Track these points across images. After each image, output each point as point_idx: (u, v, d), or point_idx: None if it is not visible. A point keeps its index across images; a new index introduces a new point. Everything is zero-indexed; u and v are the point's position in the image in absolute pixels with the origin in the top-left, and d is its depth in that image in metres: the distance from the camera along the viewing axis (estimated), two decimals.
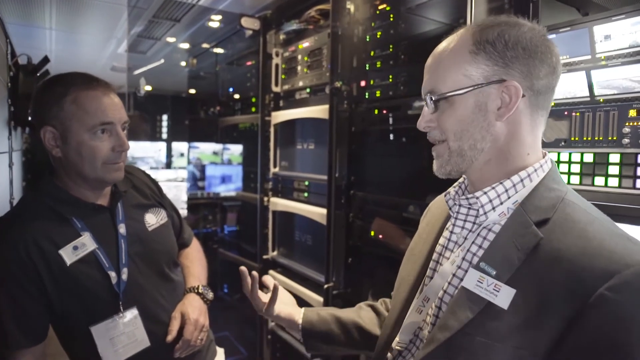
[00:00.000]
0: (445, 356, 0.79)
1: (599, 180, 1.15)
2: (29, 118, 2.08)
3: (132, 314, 1.31)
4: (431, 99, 0.87)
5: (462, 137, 0.85)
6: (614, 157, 1.12)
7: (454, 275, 0.88)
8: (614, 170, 1.13)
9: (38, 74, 2.18)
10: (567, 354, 0.70)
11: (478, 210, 0.86)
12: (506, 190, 0.84)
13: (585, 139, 1.19)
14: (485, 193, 0.85)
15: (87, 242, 1.27)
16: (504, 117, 0.82)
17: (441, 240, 0.98)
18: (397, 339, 0.96)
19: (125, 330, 1.29)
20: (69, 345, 1.34)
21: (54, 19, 3.11)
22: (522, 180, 0.84)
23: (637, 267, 0.69)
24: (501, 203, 0.84)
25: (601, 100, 1.15)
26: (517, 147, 0.85)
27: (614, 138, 1.13)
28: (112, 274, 1.29)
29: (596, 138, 1.16)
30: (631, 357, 0.66)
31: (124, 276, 1.31)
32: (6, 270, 1.19)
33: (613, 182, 1.13)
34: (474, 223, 0.90)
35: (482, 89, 0.83)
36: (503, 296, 0.76)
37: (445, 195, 0.96)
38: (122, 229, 1.35)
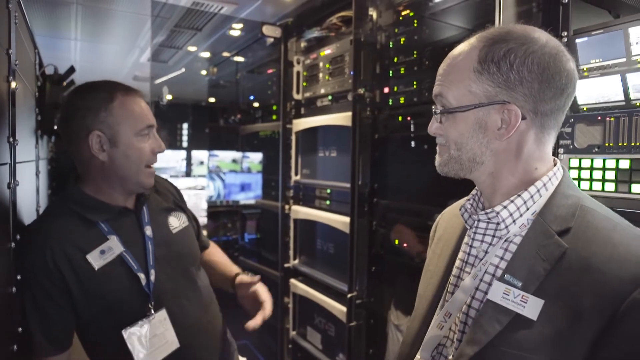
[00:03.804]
0: None
1: (637, 188, 1.11)
2: (55, 127, 2.11)
3: (162, 315, 1.32)
4: (435, 113, 0.89)
5: (462, 149, 0.87)
6: None
7: (477, 289, 0.87)
8: None
9: (64, 84, 2.22)
10: None
11: (498, 224, 0.86)
12: (524, 202, 0.84)
13: (620, 144, 1.15)
14: (505, 207, 0.85)
15: (114, 246, 1.27)
16: (503, 137, 0.83)
17: (460, 255, 0.96)
18: (417, 356, 0.94)
19: (156, 332, 1.30)
20: (95, 352, 1.34)
21: (79, 29, 3.17)
22: (538, 191, 0.84)
23: None
24: (521, 215, 0.84)
25: (637, 104, 1.12)
26: (521, 163, 0.85)
27: None
28: (142, 276, 1.29)
29: (633, 144, 1.12)
30: None
31: (152, 277, 1.31)
32: (33, 279, 1.20)
33: None
34: (494, 236, 0.89)
35: (483, 108, 0.83)
36: (531, 307, 0.75)
37: (460, 209, 0.96)
38: (148, 231, 1.35)
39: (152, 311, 1.29)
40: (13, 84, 1.20)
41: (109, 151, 1.27)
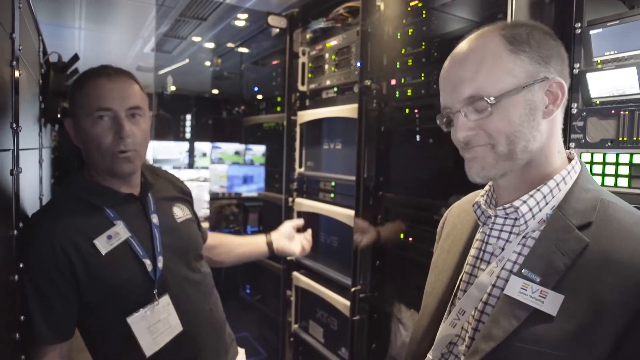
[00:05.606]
0: None
1: None
2: (59, 115, 2.10)
3: (165, 301, 1.32)
4: (472, 108, 0.82)
5: (515, 140, 0.81)
6: None
7: (493, 285, 0.85)
8: None
9: (68, 72, 2.20)
10: None
11: (516, 219, 0.85)
12: (544, 197, 0.83)
13: (635, 139, 1.13)
14: (524, 202, 0.83)
15: (120, 231, 1.27)
16: (551, 114, 0.83)
17: (473, 252, 0.95)
18: (429, 355, 0.92)
19: (160, 317, 1.30)
20: (96, 343, 1.33)
21: (83, 18, 3.15)
22: (557, 185, 0.83)
23: None
24: (540, 210, 0.83)
25: None
26: (553, 144, 0.86)
27: None
28: (147, 262, 1.29)
29: None
30: None
31: (160, 264, 1.31)
32: (39, 267, 1.19)
33: None
34: (511, 232, 0.88)
35: (529, 87, 0.81)
36: (550, 302, 0.74)
37: (473, 205, 0.94)
38: (154, 219, 1.36)
39: (157, 297, 1.29)
40: (17, 72, 1.18)
41: (78, 138, 1.28)
